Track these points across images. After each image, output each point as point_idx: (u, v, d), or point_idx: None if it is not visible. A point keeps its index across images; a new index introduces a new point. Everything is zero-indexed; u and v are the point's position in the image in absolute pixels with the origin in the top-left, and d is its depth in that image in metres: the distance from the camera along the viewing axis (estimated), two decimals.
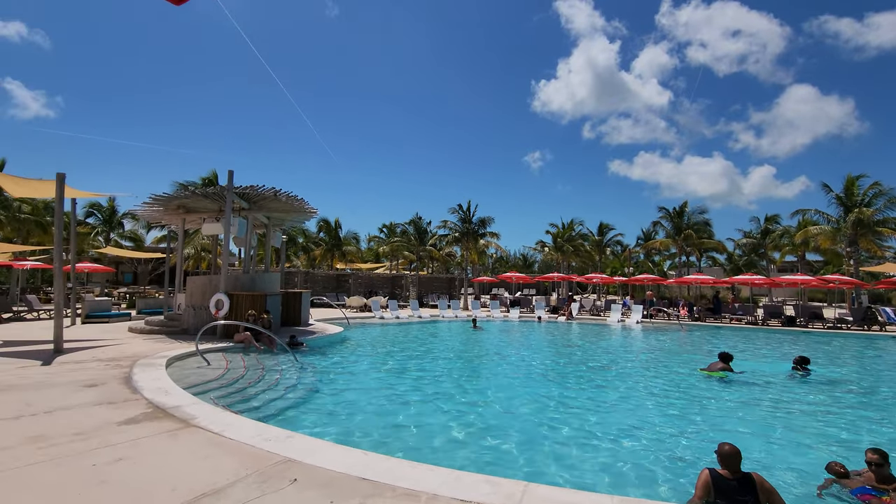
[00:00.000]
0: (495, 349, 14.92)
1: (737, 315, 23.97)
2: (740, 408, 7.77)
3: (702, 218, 38.40)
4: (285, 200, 14.10)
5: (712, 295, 30.92)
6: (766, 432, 6.43)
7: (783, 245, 39.32)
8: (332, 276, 35.39)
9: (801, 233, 31.87)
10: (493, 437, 5.85)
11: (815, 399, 8.55)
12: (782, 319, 22.73)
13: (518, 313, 25.73)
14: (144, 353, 9.33)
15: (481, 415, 6.93)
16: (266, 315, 12.33)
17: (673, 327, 21.32)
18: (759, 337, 18.48)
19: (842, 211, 28.39)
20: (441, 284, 37.43)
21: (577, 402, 8.05)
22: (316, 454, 4.07)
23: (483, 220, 34.08)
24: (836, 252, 33.28)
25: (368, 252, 55.60)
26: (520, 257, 70.66)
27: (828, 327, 21.12)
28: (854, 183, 28.20)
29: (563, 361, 12.49)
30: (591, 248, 41.84)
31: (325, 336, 13.69)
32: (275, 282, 15.67)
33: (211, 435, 4.52)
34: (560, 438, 5.92)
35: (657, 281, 30.76)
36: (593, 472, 4.86)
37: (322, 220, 43.48)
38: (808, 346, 16.05)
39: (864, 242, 27.69)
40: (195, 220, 16.28)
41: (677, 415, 7.34)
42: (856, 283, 24.38)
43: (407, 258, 47.96)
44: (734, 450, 3.80)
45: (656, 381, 9.99)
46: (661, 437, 6.13)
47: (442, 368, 10.76)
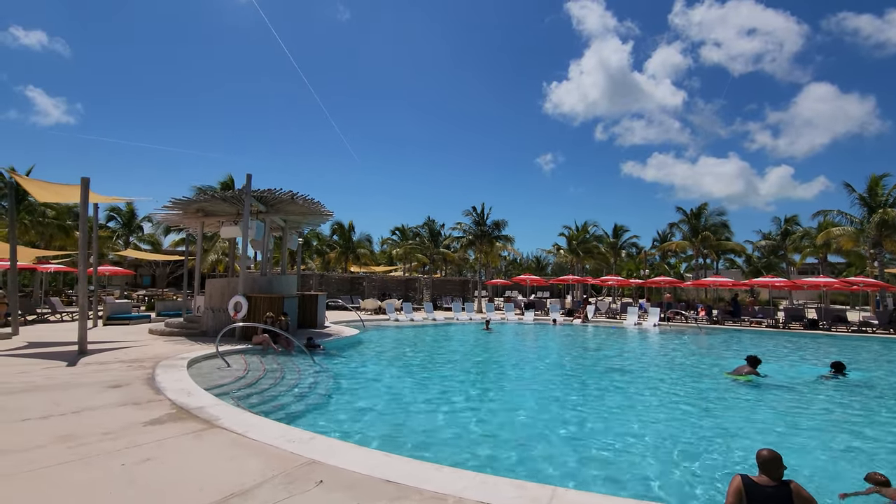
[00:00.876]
0: (512, 352, 14.83)
1: (757, 318, 23.51)
2: (769, 412, 7.60)
3: (720, 219, 37.83)
4: (302, 203, 14.21)
5: (731, 298, 30.39)
6: (797, 438, 6.27)
7: (804, 247, 38.51)
8: (346, 278, 35.57)
9: (823, 234, 31.18)
10: (518, 440, 5.80)
11: (850, 404, 8.31)
12: (804, 323, 22.21)
13: (533, 316, 25.57)
14: (166, 354, 9.45)
15: (504, 418, 6.88)
16: (284, 317, 12.42)
17: (691, 330, 20.99)
18: (782, 341, 18.08)
19: (865, 211, 27.70)
20: (455, 287, 37.39)
21: (602, 406, 7.95)
22: (338, 456, 4.07)
23: (497, 223, 33.99)
24: (860, 254, 32.48)
25: (382, 255, 55.80)
26: (533, 260, 70.30)
27: (852, 330, 20.59)
28: (878, 183, 27.51)
29: (583, 365, 12.36)
30: (605, 250, 41.45)
31: (341, 338, 13.74)
32: (291, 284, 15.79)
33: (235, 436, 4.55)
34: (585, 443, 5.84)
35: (674, 283, 30.33)
36: (621, 477, 4.77)
37: (336, 223, 43.78)
38: (840, 350, 15.66)
39: (888, 244, 26.97)
40: (213, 224, 16.49)
41: (705, 419, 7.20)
42: (881, 286, 23.74)
43: (420, 261, 48.02)
44: (773, 455, 3.63)
45: (680, 384, 9.82)
46: (689, 441, 6.02)
47: (459, 371, 10.72)
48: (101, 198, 13.48)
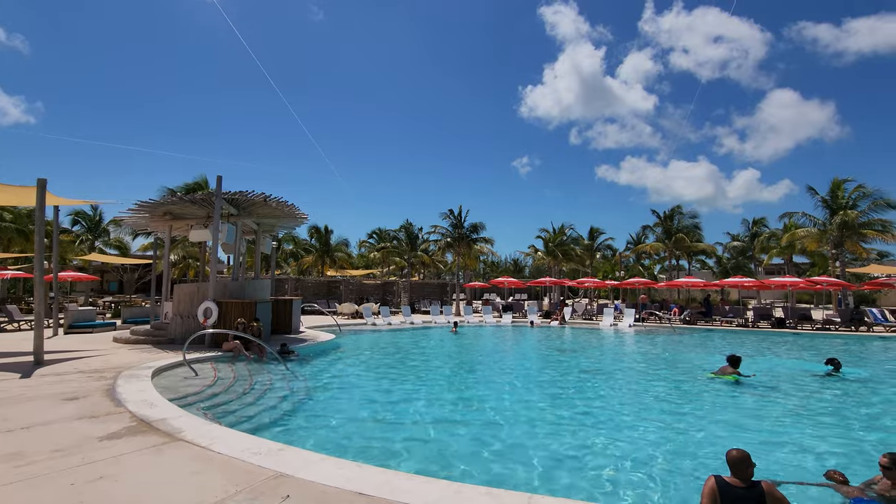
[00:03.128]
0: (490, 355, 14.79)
1: (727, 318, 24.12)
2: (751, 411, 7.73)
3: (692, 222, 38.73)
4: (275, 206, 13.89)
5: (703, 298, 31.12)
6: (778, 436, 6.37)
7: (770, 247, 39.77)
8: (322, 282, 35.05)
9: (788, 235, 32.24)
10: (493, 446, 5.71)
11: (830, 401, 8.54)
12: (772, 321, 22.89)
13: (511, 318, 25.63)
14: (129, 363, 9.05)
15: (480, 424, 6.78)
16: (256, 323, 12.08)
17: (666, 330, 21.36)
18: (752, 339, 18.57)
19: (827, 213, 28.76)
20: (433, 290, 37.24)
21: (578, 409, 7.94)
22: (309, 468, 3.90)
23: (475, 226, 34.03)
24: (822, 254, 33.75)
25: (359, 258, 55.27)
26: (511, 262, 70.74)
27: (816, 328, 21.30)
28: (840, 186, 28.62)
29: (560, 367, 12.39)
30: (582, 252, 41.95)
31: (316, 344, 13.46)
32: (265, 289, 15.41)
33: (198, 449, 4.33)
34: (563, 447, 5.79)
35: (648, 284, 30.89)
36: (598, 481, 4.73)
37: (312, 227, 43.17)
38: (806, 348, 16.14)
39: (849, 244, 28.08)
40: (182, 227, 15.98)
41: (686, 420, 7.26)
42: (843, 285, 24.67)
43: (398, 264, 47.72)
44: (743, 455, 3.67)
45: (659, 385, 9.92)
46: (669, 442, 6.04)
47: (436, 375, 10.60)
48: (61, 200, 12.88)
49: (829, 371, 10.51)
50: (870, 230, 27.09)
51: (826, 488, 4.38)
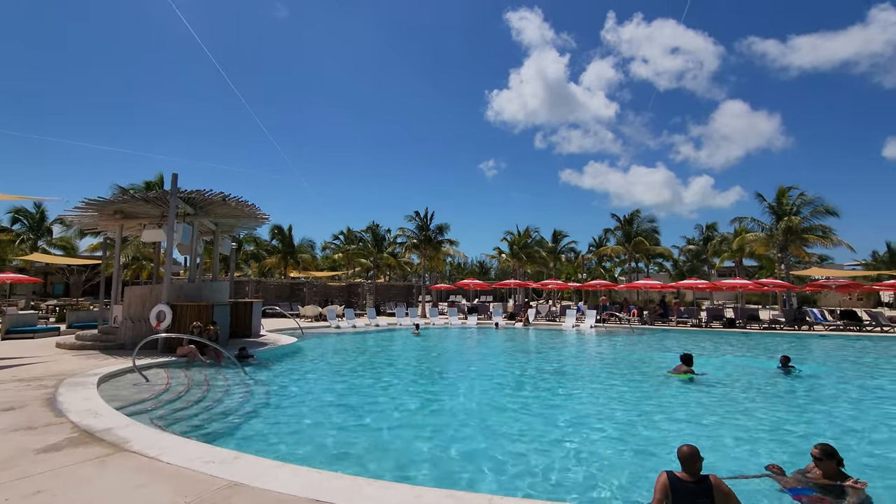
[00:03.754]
0: (454, 357, 14.82)
1: (682, 318, 25.09)
2: (703, 407, 8.04)
3: (650, 226, 40.13)
4: (235, 206, 13.45)
5: (659, 299, 32.27)
6: (727, 431, 6.65)
7: (722, 251, 41.66)
8: (285, 284, 34.22)
9: (739, 239, 33.86)
10: (455, 449, 5.71)
11: (778, 396, 8.98)
12: (723, 322, 23.98)
13: (476, 320, 25.78)
14: (73, 370, 8.54)
15: (442, 426, 6.77)
16: (213, 326, 11.66)
17: (625, 331, 22.00)
18: (705, 339, 19.37)
19: (774, 219, 30.40)
20: (399, 292, 37.00)
21: (539, 409, 8.05)
22: (265, 476, 3.79)
23: (441, 227, 34.06)
24: (769, 257, 35.63)
25: (324, 260, 54.33)
26: (477, 264, 71.20)
27: (763, 328, 22.47)
28: (785, 193, 30.30)
29: (522, 367, 12.55)
30: (546, 254, 42.69)
31: (277, 347, 13.12)
32: (223, 291, 14.91)
33: (146, 460, 4.12)
34: (523, 448, 5.85)
35: (609, 286, 31.76)
36: (558, 480, 4.80)
37: (275, 227, 42.10)
38: (755, 346, 16.97)
39: (793, 248, 29.76)
40: (135, 227, 15.26)
41: (641, 417, 7.47)
42: (787, 287, 26.13)
43: (364, 266, 47.20)
44: (692, 450, 3.81)
45: (617, 383, 10.19)
46: (624, 439, 6.20)
47: (399, 378, 10.52)
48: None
49: (780, 368, 11.07)
50: (811, 235, 28.81)
51: (766, 479, 4.61)
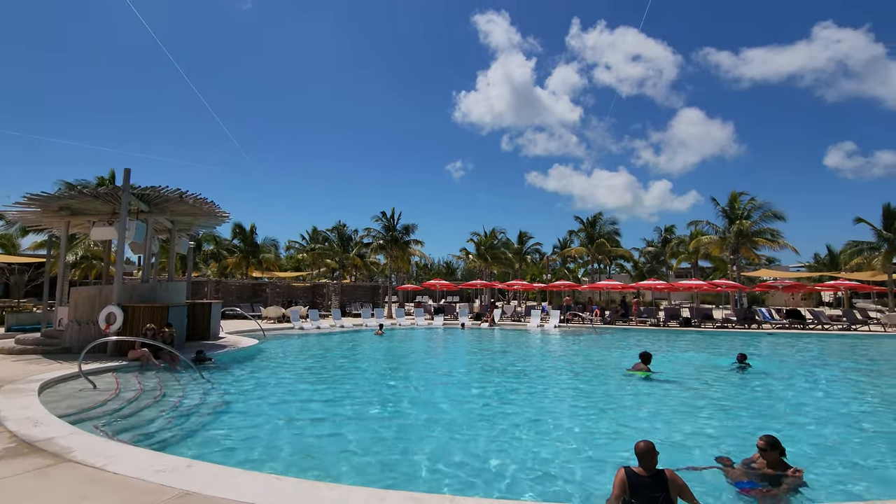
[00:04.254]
0: (419, 357, 14.79)
1: (642, 318, 25.93)
2: (661, 403, 8.30)
3: (612, 228, 41.27)
4: (192, 203, 12.95)
5: (620, 299, 33.25)
6: (683, 426, 6.89)
7: (680, 253, 43.34)
8: (247, 285, 33.25)
9: (694, 242, 35.31)
10: (417, 450, 5.68)
11: (729, 392, 9.39)
12: (680, 321, 24.93)
13: (442, 320, 25.81)
14: (12, 377, 8.01)
15: (404, 428, 6.73)
16: (168, 329, 11.19)
17: (588, 330, 22.53)
18: (663, 337, 20.08)
19: (726, 222, 31.86)
20: (365, 293, 36.60)
21: (502, 408, 8.12)
22: (221, 483, 3.65)
23: (407, 228, 33.92)
24: (723, 259, 37.33)
25: (288, 260, 53.09)
26: (444, 265, 71.34)
27: (717, 327, 23.50)
28: (737, 198, 31.82)
29: (487, 367, 12.64)
30: (511, 255, 43.21)
31: (237, 350, 12.73)
32: (179, 292, 14.33)
33: (90, 470, 3.90)
34: (485, 447, 5.89)
35: (572, 287, 32.47)
36: (518, 478, 4.85)
37: (236, 226, 40.83)
38: (707, 343, 17.70)
39: (744, 251, 31.30)
40: (83, 224, 14.46)
41: (601, 414, 7.66)
42: (738, 287, 27.45)
43: (329, 266, 46.43)
44: (648, 446, 3.93)
45: (579, 381, 10.41)
46: (586, 437, 6.33)
47: (363, 380, 10.39)
48: None
49: (736, 365, 11.56)
50: (761, 238, 30.39)
51: (716, 471, 4.82)
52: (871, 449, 5.97)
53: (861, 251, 32.25)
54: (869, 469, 5.27)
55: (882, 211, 30.19)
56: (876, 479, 4.99)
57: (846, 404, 8.62)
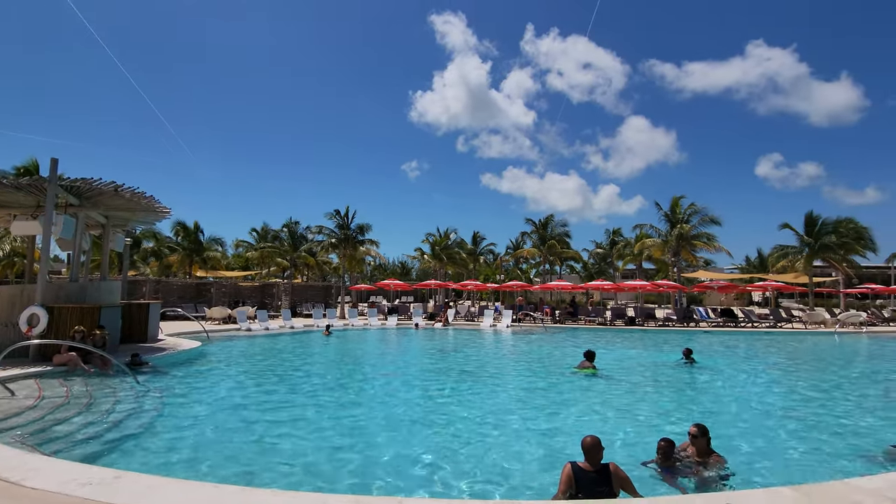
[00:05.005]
0: (370, 358, 14.64)
1: (590, 317, 26.88)
2: (605, 399, 8.62)
3: (563, 230, 42.53)
4: (129, 197, 12.16)
5: (570, 299, 34.34)
6: (626, 420, 7.19)
7: (626, 255, 45.28)
8: (190, 284, 31.68)
9: (639, 244, 37.02)
10: (365, 452, 5.61)
11: (672, 385, 9.88)
12: (625, 320, 26.05)
13: (396, 321, 25.66)
14: None
15: (353, 430, 6.62)
16: (99, 331, 10.46)
17: (539, 330, 23.09)
18: (610, 335, 20.90)
19: (668, 226, 33.60)
20: (317, 293, 35.77)
21: (450, 407, 8.17)
22: (153, 495, 3.45)
23: (362, 227, 33.44)
24: (665, 261, 39.34)
25: (236, 259, 51.05)
26: (398, 265, 70.95)
27: (658, 325, 24.74)
28: (677, 203, 33.62)
29: (437, 367, 12.68)
30: (466, 256, 43.62)
31: (177, 353, 12.10)
32: (113, 292, 13.46)
33: (5, 486, 3.58)
34: (433, 447, 5.91)
35: (524, 287, 33.20)
36: (467, 477, 4.89)
37: (178, 223, 38.81)
38: (650, 341, 18.57)
39: (684, 253, 33.14)
40: (2, 217, 13.28)
41: (548, 411, 7.85)
42: (678, 288, 29.03)
43: (280, 265, 45.05)
44: (594, 441, 4.06)
45: (528, 380, 10.64)
46: (533, 435, 6.48)
47: (311, 382, 10.16)
48: None
49: (683, 360, 12.16)
50: (699, 241, 32.27)
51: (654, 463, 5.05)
52: (790, 437, 6.47)
53: (786, 255, 34.90)
54: (786, 454, 5.71)
55: (804, 218, 32.81)
56: (790, 463, 5.42)
57: (769, 396, 9.31)
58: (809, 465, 5.45)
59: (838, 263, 31.74)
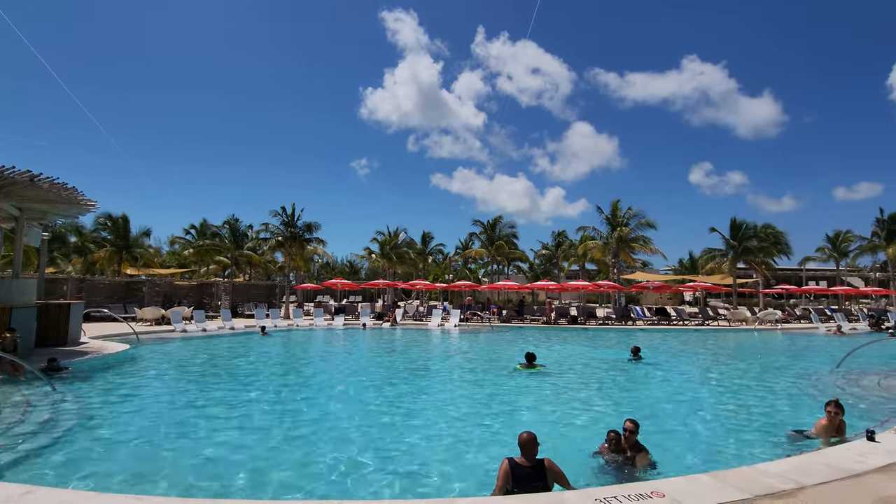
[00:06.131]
0: (312, 360, 14.31)
1: (535, 316, 27.64)
2: (546, 396, 8.89)
3: (510, 231, 43.42)
4: (48, 188, 11.17)
5: (518, 299, 35.16)
6: (567, 416, 7.45)
7: (570, 256, 46.97)
8: (119, 283, 29.57)
9: (582, 246, 38.49)
10: (302, 457, 5.47)
11: (608, 382, 10.32)
12: (568, 319, 27.01)
13: (343, 321, 25.21)
14: None
15: (291, 435, 6.41)
16: (10, 334, 9.58)
17: (486, 329, 23.46)
18: (554, 334, 21.57)
19: (609, 229, 35.16)
20: (260, 292, 34.47)
21: (391, 408, 8.14)
22: None
23: (309, 225, 32.58)
24: (605, 262, 41.18)
25: (172, 256, 48.16)
26: (347, 264, 69.71)
27: (599, 324, 25.85)
28: (617, 207, 35.25)
29: (382, 366, 12.60)
30: (415, 256, 43.56)
31: (101, 357, 11.27)
32: (26, 291, 12.32)
33: None
34: (373, 448, 5.86)
35: (473, 287, 33.62)
36: (408, 476, 4.90)
37: (105, 216, 36.05)
38: (591, 339, 19.35)
39: (623, 255, 34.81)
40: None
41: (491, 408, 7.99)
42: (617, 288, 30.47)
43: (221, 263, 42.99)
44: (530, 437, 4.17)
45: (473, 378, 10.78)
46: (475, 432, 6.58)
47: (248, 386, 9.76)
48: None
49: (630, 357, 12.70)
50: (636, 244, 34.01)
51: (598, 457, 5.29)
52: (714, 426, 6.97)
53: (714, 257, 37.51)
54: (710, 443, 6.16)
55: (730, 223, 35.42)
56: (712, 451, 5.86)
57: (697, 389, 9.98)
58: (729, 451, 5.90)
59: (758, 266, 34.54)
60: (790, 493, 3.54)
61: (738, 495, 3.48)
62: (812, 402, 8.37)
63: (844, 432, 5.66)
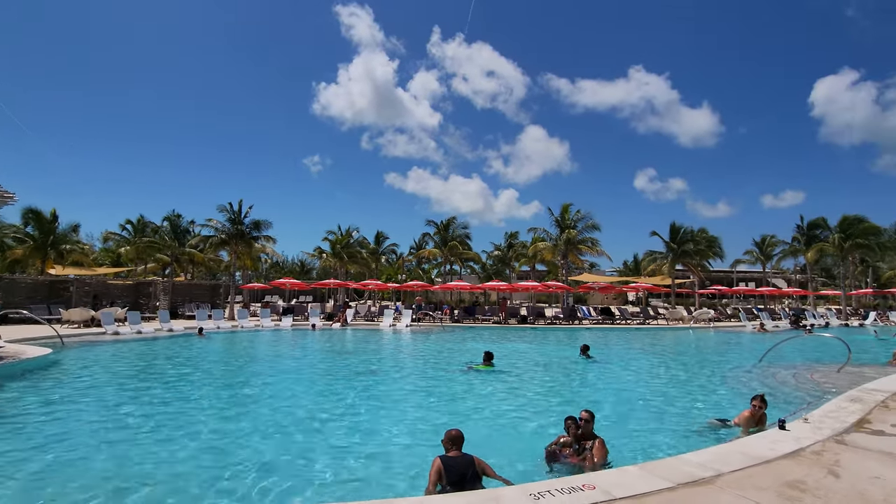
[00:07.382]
0: (255, 363, 13.83)
1: (486, 316, 28.03)
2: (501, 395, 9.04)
3: (464, 232, 43.81)
4: None
5: (472, 301, 35.51)
6: (520, 412, 7.59)
7: (522, 256, 47.96)
8: (43, 282, 27.30)
9: (533, 247, 39.42)
10: (245, 468, 5.24)
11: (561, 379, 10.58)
12: (518, 318, 27.58)
13: (291, 322, 24.52)
14: None
15: (233, 446, 6.09)
16: None
17: (438, 329, 23.53)
18: (505, 333, 21.96)
19: (558, 231, 36.22)
20: (203, 292, 32.88)
21: (335, 410, 8.01)
22: None
23: (258, 223, 31.42)
24: (555, 263, 42.37)
25: (105, 253, 45.07)
26: (297, 263, 67.84)
27: (547, 323, 26.57)
28: (567, 209, 36.37)
29: (328, 368, 12.37)
30: (367, 255, 43.06)
31: (17, 362, 10.37)
32: None
33: None
34: (316, 451, 5.74)
35: (425, 287, 33.64)
36: (348, 478, 4.83)
37: (29, 210, 33.17)
38: (541, 338, 19.83)
39: (571, 256, 35.96)
40: None
41: (441, 407, 8.02)
42: (565, 288, 31.42)
43: (160, 261, 40.66)
44: (459, 433, 4.38)
45: (423, 379, 10.78)
46: (424, 431, 6.57)
47: (187, 392, 9.29)
48: None
49: (581, 355, 13.04)
50: (584, 246, 35.22)
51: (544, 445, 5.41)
52: (647, 419, 7.33)
53: (655, 259, 39.52)
54: (644, 435, 6.47)
55: (669, 228, 37.43)
56: (645, 443, 6.16)
57: (635, 385, 10.47)
58: (662, 442, 6.22)
59: (694, 268, 36.70)
60: (709, 481, 3.78)
61: (663, 484, 3.68)
62: (734, 394, 9.00)
63: (765, 424, 6.11)
